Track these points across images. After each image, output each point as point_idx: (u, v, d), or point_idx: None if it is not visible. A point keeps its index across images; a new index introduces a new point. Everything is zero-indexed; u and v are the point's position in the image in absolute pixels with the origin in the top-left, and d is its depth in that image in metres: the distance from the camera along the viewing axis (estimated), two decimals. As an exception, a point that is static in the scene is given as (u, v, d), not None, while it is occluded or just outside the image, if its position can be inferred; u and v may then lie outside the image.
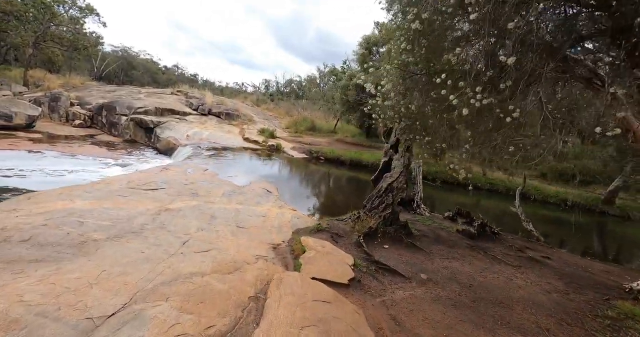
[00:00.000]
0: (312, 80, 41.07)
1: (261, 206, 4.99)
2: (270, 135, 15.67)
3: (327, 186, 9.14)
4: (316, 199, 7.21)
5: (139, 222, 3.30)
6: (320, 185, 9.08)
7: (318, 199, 7.24)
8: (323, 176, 10.49)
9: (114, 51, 35.75)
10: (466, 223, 4.66)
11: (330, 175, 10.92)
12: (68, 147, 11.49)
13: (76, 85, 19.84)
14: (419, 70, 2.77)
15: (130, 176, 5.48)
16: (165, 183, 5.34)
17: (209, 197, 4.96)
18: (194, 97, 20.13)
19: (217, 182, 6.23)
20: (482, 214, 8.63)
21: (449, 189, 10.81)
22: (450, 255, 3.34)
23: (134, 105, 15.80)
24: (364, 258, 2.93)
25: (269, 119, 23.07)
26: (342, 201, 7.46)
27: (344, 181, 10.57)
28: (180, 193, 4.87)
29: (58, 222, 2.85)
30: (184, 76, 43.99)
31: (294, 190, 7.49)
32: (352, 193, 8.67)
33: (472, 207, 9.51)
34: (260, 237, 3.46)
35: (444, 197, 10.05)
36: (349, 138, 17.98)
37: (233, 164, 9.18)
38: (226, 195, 5.30)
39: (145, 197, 4.30)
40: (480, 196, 10.81)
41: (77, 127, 15.07)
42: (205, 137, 14.02)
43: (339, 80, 20.31)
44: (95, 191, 4.11)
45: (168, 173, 6.24)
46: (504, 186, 11.18)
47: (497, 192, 11.20)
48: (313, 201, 7.09)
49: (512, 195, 11.36)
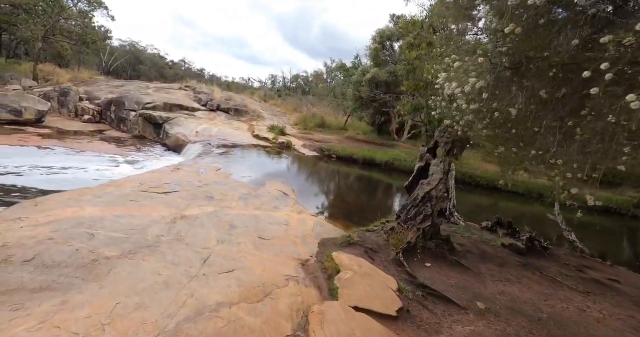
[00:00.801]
0: (319, 75, 40.56)
1: (280, 211, 4.66)
2: (280, 132, 15.32)
3: (343, 187, 8.78)
4: (334, 202, 6.86)
5: (154, 233, 3.00)
6: (336, 186, 8.72)
7: (336, 202, 6.89)
8: (337, 176, 10.13)
9: (121, 46, 35.69)
10: (509, 235, 4.27)
11: (344, 174, 10.56)
12: (77, 143, 11.32)
13: (85, 80, 19.71)
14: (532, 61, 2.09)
15: (141, 177, 5.20)
16: (178, 185, 5.04)
17: (225, 201, 4.65)
18: (203, 93, 19.86)
19: (231, 183, 5.92)
20: (504, 216, 8.20)
21: (466, 189, 10.36)
22: (502, 276, 2.97)
23: (142, 101, 15.57)
24: (407, 280, 2.58)
25: (277, 115, 22.72)
26: (362, 204, 7.11)
27: (359, 181, 10.19)
28: (194, 197, 4.56)
29: (66, 235, 2.56)
30: (191, 71, 43.85)
31: (311, 192, 7.15)
32: (370, 195, 8.31)
33: (490, 208, 9.07)
34: (285, 251, 3.14)
35: (460, 197, 9.64)
36: (360, 135, 17.54)
37: (245, 163, 8.87)
38: (242, 198, 4.98)
39: (158, 202, 4.00)
40: (499, 197, 10.33)
41: (86, 122, 14.93)
42: (215, 134, 13.74)
43: (349, 76, 19.82)
44: (105, 195, 3.81)
45: (180, 173, 5.94)
46: (525, 187, 10.67)
47: (517, 194, 10.70)
48: (332, 204, 6.74)
49: (534, 197, 10.91)
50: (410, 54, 8.09)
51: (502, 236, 4.27)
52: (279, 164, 10.15)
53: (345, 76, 19.92)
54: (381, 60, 15.66)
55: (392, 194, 8.96)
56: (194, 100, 18.61)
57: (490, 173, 11.13)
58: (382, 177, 10.95)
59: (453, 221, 4.62)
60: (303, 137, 16.40)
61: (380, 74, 13.70)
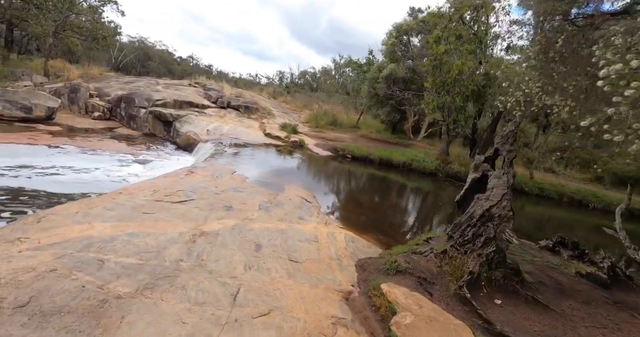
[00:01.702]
0: (327, 71, 39.93)
1: (306, 223, 4.22)
2: (292, 131, 14.86)
3: (364, 191, 8.26)
4: (359, 209, 6.37)
5: (172, 257, 2.58)
6: (356, 189, 8.23)
7: (361, 209, 6.39)
8: (355, 178, 9.65)
9: (130, 42, 35.62)
10: (575, 257, 3.71)
11: (362, 176, 10.07)
12: (87, 141, 11.07)
13: (95, 76, 19.52)
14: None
15: (154, 183, 4.81)
16: (193, 192, 4.64)
17: (245, 211, 4.23)
18: (212, 89, 19.50)
19: (249, 189, 5.50)
20: (531, 222, 7.53)
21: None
22: (594, 319, 2.44)
23: (152, 97, 15.28)
24: (481, 326, 2.09)
25: (287, 113, 22.27)
26: (388, 211, 6.61)
27: (379, 183, 9.68)
28: (212, 206, 4.15)
29: (71, 264, 2.16)
30: (199, 67, 43.62)
31: (332, 197, 6.69)
32: (394, 200, 7.79)
33: (520, 214, 8.41)
34: (323, 279, 2.70)
35: (441, 192, 9.16)
36: (373, 133, 16.96)
37: (259, 164, 8.45)
38: (263, 207, 4.55)
39: (174, 213, 3.60)
40: (527, 200, 9.70)
41: (96, 119, 14.71)
42: (226, 132, 13.36)
43: (363, 72, 19.19)
44: (116, 207, 3.42)
45: (194, 178, 5.54)
46: (555, 191, 10.01)
47: (547, 198, 10.04)
48: (356, 211, 6.23)
49: (566, 201, 10.25)
50: (437, 48, 7.51)
51: (568, 258, 3.72)
52: (294, 165, 9.71)
53: (358, 72, 19.28)
54: (397, 56, 15.00)
55: (417, 199, 8.43)
56: (203, 97, 18.27)
57: (517, 175, 10.50)
58: (401, 178, 10.43)
59: (505, 238, 4.09)
60: (315, 135, 15.91)
61: (398, 70, 13.08)
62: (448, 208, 8.00)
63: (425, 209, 7.37)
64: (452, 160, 11.46)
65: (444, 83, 7.79)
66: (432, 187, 9.82)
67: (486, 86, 7.44)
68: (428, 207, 7.62)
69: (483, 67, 7.60)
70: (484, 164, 3.37)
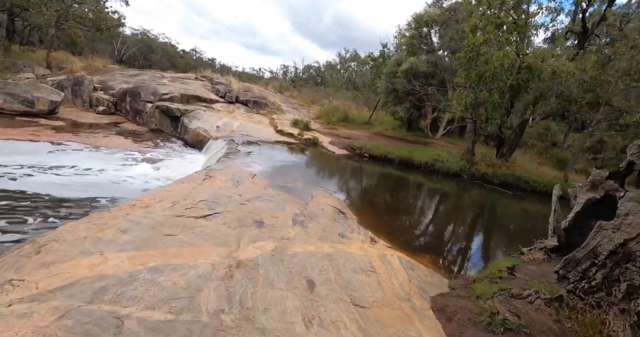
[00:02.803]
0: (332, 66, 39.06)
1: (349, 242, 3.61)
2: (304, 128, 14.20)
3: (396, 196, 7.49)
4: (397, 219, 5.59)
5: (209, 305, 1.98)
6: (386, 194, 7.52)
7: (399, 219, 5.61)
8: (379, 180, 8.99)
9: (133, 34, 34.88)
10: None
11: (386, 178, 9.41)
12: (92, 137, 10.48)
13: (98, 68, 18.86)
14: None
15: (171, 191, 4.20)
16: (216, 202, 4.03)
17: (279, 227, 3.62)
18: (220, 83, 18.80)
19: (275, 197, 4.88)
20: None
21: (521, 196, 9.07)
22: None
23: (158, 91, 14.63)
24: None
25: (295, 108, 21.57)
26: (430, 223, 5.93)
27: (407, 186, 8.98)
28: (241, 221, 3.54)
29: (78, 328, 1.55)
30: (202, 60, 42.84)
31: (363, 204, 6.03)
32: (430, 206, 7.10)
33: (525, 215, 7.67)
34: (404, 336, 2.09)
35: (516, 206, 8.37)
36: (388, 131, 16.24)
37: (276, 165, 7.82)
38: (297, 222, 3.94)
39: (200, 234, 2.99)
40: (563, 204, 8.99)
41: (100, 113, 14.12)
42: (236, 129, 12.73)
43: (376, 66, 18.38)
44: (132, 227, 2.82)
45: (214, 184, 4.93)
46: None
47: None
48: (395, 222, 5.41)
49: None
50: (475, 39, 6.76)
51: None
52: (312, 165, 9.08)
53: (372, 67, 18.45)
54: (416, 49, 14.18)
55: (453, 205, 7.67)
56: (211, 91, 17.59)
57: (550, 177, 9.80)
58: (425, 180, 9.77)
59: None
60: (328, 132, 15.23)
61: (419, 64, 12.29)
62: (492, 217, 7.33)
63: (468, 218, 6.66)
64: (478, 161, 10.76)
65: (481, 77, 7.06)
66: (462, 191, 9.15)
67: (528, 80, 6.71)
68: (469, 215, 6.91)
69: (520, 59, 6.84)
70: (607, 182, 2.67)
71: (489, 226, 6.58)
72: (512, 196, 8.93)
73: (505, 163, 10.67)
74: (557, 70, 6.23)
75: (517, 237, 5.53)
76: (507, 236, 6.19)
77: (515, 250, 4.33)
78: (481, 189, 9.18)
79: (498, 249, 5.28)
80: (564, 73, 6.21)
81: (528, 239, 4.52)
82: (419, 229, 5.34)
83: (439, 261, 3.81)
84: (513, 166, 10.50)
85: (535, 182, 9.67)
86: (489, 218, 7.04)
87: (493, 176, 10.11)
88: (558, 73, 6.28)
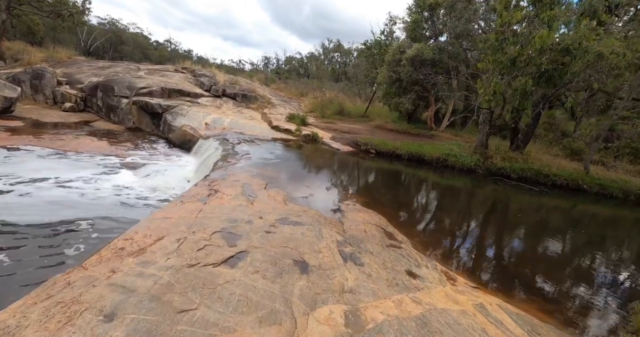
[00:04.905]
0: (317, 57, 37.83)
1: (427, 287, 2.67)
2: (301, 122, 13.09)
3: (430, 203, 6.49)
4: (451, 237, 4.43)
5: None
6: (415, 200, 6.53)
7: (454, 237, 4.47)
8: (398, 181, 8.08)
9: (100, 23, 31.98)
10: None
11: (405, 177, 8.54)
12: (58, 140, 8.91)
13: (62, 60, 16.70)
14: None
15: (172, 221, 3.07)
16: (234, 232, 2.98)
17: (329, 269, 2.63)
18: (204, 75, 17.19)
19: (303, 215, 3.86)
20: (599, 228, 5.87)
21: (541, 191, 8.48)
22: None
23: (135, 85, 12.99)
24: None
25: (286, 101, 20.32)
26: (485, 233, 5.01)
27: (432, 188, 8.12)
28: (277, 264, 2.52)
29: None
30: (177, 52, 40.32)
31: (403, 217, 5.04)
32: (470, 213, 6.14)
33: (586, 218, 7.00)
34: None
35: (537, 202, 7.70)
36: (389, 124, 15.38)
37: (284, 168, 6.75)
38: (347, 256, 2.96)
39: (229, 299, 1.95)
40: (585, 200, 8.50)
41: (68, 111, 12.36)
42: (228, 126, 11.44)
43: (372, 55, 17.34)
44: (123, 302, 1.73)
45: (223, 201, 3.83)
46: (619, 188, 8.82)
47: (609, 197, 8.82)
48: (451, 241, 4.37)
49: (632, 200, 9.12)
50: (511, 16, 5.86)
51: None
52: (321, 167, 8.05)
53: (367, 55, 17.41)
54: (419, 35, 13.26)
55: (492, 210, 6.77)
56: (195, 84, 16.01)
57: (569, 170, 9.29)
58: (442, 178, 9.00)
59: None
60: (326, 127, 14.18)
61: (426, 51, 11.38)
62: (562, 226, 6.27)
63: (531, 229, 5.54)
64: (493, 155, 10.12)
65: (514, 61, 6.22)
66: (487, 190, 8.42)
67: (566, 64, 5.92)
68: (530, 224, 5.81)
69: (558, 40, 6.05)
70: None
71: (572, 240, 5.53)
72: (541, 193, 8.29)
73: (521, 156, 10.08)
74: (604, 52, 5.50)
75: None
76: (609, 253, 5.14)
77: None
78: (505, 187, 8.52)
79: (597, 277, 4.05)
80: (612, 55, 5.48)
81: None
82: (481, 248, 4.33)
83: (549, 307, 2.87)
84: (530, 159, 9.93)
85: (556, 175, 9.13)
86: (559, 227, 6.08)
87: (511, 171, 9.50)
88: (605, 55, 5.55)
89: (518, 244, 5.00)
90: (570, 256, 4.75)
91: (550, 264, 4.15)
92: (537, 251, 4.67)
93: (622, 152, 10.56)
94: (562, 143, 11.57)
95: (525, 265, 4.02)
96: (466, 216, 5.93)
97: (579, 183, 8.93)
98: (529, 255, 4.47)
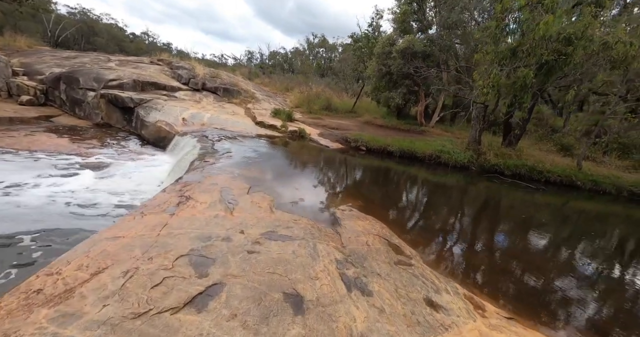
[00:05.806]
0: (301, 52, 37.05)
1: (452, 321, 2.12)
2: (287, 118, 12.38)
3: (432, 205, 5.98)
4: (467, 250, 3.78)
5: None
6: (415, 202, 5.98)
7: (471, 250, 3.81)
8: (393, 180, 7.57)
9: (70, 13, 29.67)
10: None
11: (397, 175, 8.04)
12: (7, 137, 7.80)
13: (21, 49, 15.14)
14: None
15: (122, 238, 2.37)
16: (207, 255, 2.32)
17: (330, 305, 2.04)
18: (182, 68, 16.05)
19: (293, 226, 3.24)
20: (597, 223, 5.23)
21: (535, 188, 8.24)
22: None
23: (103, 77, 11.80)
24: None
25: (270, 96, 19.49)
26: (496, 243, 4.48)
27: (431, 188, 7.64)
28: (262, 301, 1.90)
29: None
30: (156, 45, 38.25)
31: (408, 225, 4.48)
32: (474, 216, 5.61)
33: (582, 214, 6.74)
34: None
35: (533, 200, 7.40)
36: (378, 119, 14.92)
37: (270, 168, 6.07)
38: (351, 282, 2.37)
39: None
40: (578, 196, 8.32)
41: (25, 104, 11.08)
42: (207, 122, 10.58)
43: (360, 48, 16.76)
44: None
45: (195, 211, 3.14)
46: (612, 184, 8.68)
47: (602, 193, 8.67)
48: (469, 254, 3.67)
49: (625, 196, 9.03)
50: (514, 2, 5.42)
51: None
52: (309, 165, 7.42)
53: (355, 49, 16.82)
54: (409, 27, 12.79)
55: (500, 213, 6.29)
56: (171, 77, 14.88)
57: (562, 166, 9.11)
58: (436, 176, 8.59)
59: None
60: (314, 122, 13.53)
61: (417, 43, 10.91)
62: (573, 229, 5.82)
63: (543, 232, 5.06)
64: (486, 151, 9.83)
65: (514, 51, 5.81)
66: (483, 188, 8.07)
67: (568, 54, 5.56)
68: (541, 227, 5.32)
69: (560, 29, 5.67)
70: None
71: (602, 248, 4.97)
72: (539, 191, 8.00)
73: (514, 152, 9.84)
74: (609, 41, 5.18)
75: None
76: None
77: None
78: (502, 185, 8.20)
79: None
80: (619, 44, 5.16)
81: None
82: (502, 261, 3.64)
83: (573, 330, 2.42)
84: (523, 155, 9.70)
85: (550, 172, 8.92)
86: (572, 230, 5.67)
87: (504, 167, 9.23)
88: (610, 44, 5.22)
89: (551, 255, 4.22)
90: (600, 261, 4.34)
91: (598, 282, 3.56)
92: (577, 264, 4.01)
93: (610, 148, 10.54)
94: (553, 138, 11.47)
95: (563, 284, 3.30)
96: (475, 221, 5.45)
97: (573, 179, 8.75)
98: (566, 270, 3.70)
